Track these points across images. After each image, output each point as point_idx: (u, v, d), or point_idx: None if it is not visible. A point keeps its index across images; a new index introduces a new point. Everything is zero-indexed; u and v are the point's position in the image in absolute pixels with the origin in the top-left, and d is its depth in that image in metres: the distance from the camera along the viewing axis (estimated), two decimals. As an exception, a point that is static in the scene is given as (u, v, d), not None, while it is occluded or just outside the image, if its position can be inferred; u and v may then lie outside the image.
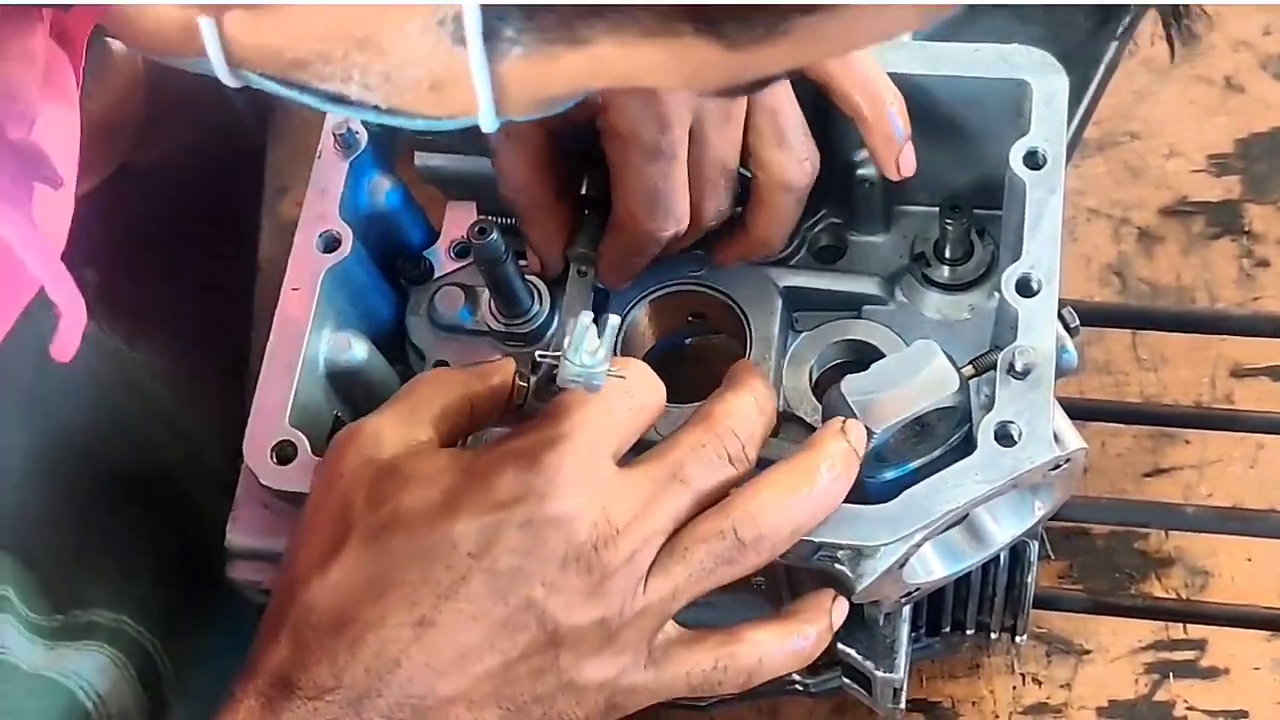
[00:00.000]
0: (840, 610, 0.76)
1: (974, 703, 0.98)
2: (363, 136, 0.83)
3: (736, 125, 0.79)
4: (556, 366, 0.72)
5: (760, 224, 0.83)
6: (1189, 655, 0.98)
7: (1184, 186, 1.13)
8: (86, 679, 0.81)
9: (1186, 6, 0.90)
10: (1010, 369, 0.74)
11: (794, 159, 0.80)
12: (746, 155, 0.81)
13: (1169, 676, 0.98)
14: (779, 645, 0.75)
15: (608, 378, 0.69)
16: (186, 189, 1.39)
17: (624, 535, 0.69)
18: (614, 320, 0.72)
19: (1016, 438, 0.73)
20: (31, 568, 0.81)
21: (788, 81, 0.79)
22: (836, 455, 0.72)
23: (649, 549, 0.70)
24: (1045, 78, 0.81)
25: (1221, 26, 1.17)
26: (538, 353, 0.75)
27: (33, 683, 0.79)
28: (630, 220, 0.81)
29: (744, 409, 0.74)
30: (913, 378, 0.76)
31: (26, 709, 0.78)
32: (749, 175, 0.82)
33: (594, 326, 0.69)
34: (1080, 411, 1.02)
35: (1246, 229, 1.10)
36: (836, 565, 0.75)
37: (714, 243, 0.85)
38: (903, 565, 0.75)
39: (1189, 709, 0.97)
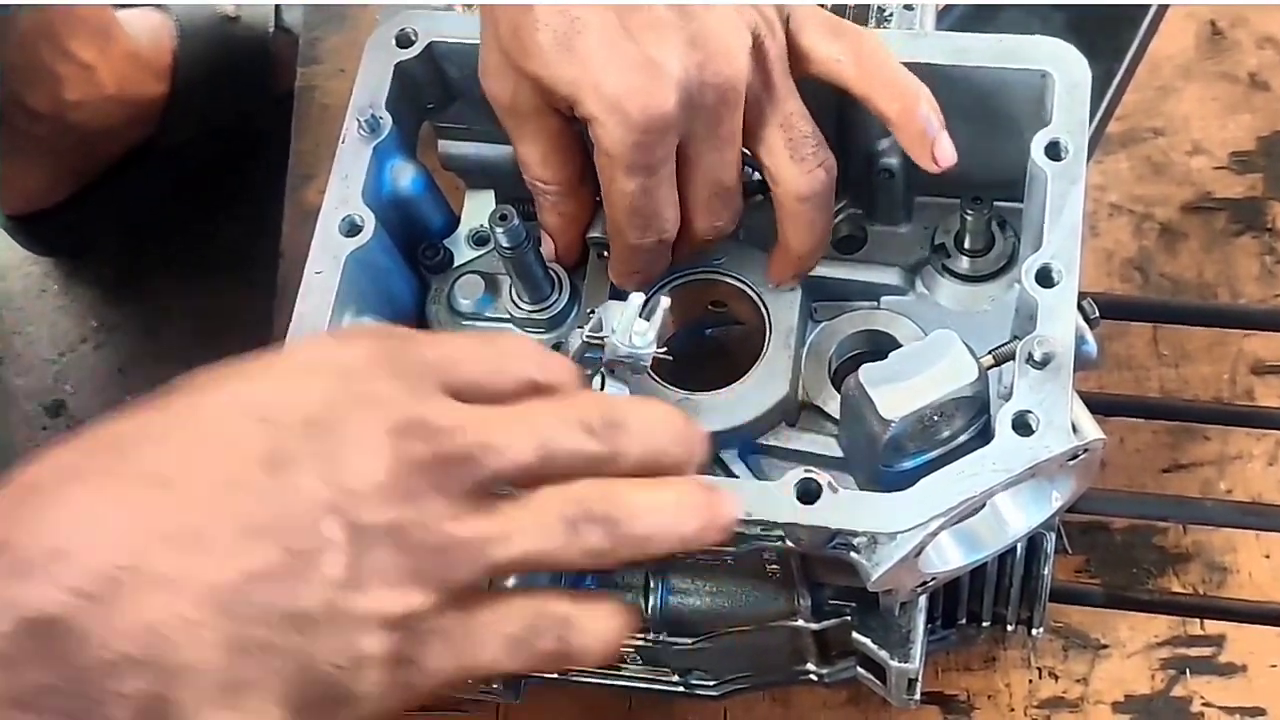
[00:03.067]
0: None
1: (990, 696, 0.98)
2: (386, 122, 0.84)
3: (730, 144, 0.78)
4: (590, 348, 0.73)
5: (792, 236, 0.82)
6: (1206, 651, 0.98)
7: (1207, 183, 1.13)
8: None
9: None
10: (1029, 358, 0.74)
11: (806, 170, 0.79)
12: (761, 169, 0.81)
13: (1186, 672, 0.98)
14: (599, 620, 0.64)
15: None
16: (211, 170, 1.41)
17: (439, 436, 0.59)
18: (665, 302, 0.72)
19: (1035, 427, 0.73)
20: None
21: (796, 90, 0.79)
22: (716, 499, 0.64)
23: (469, 469, 0.60)
24: (1068, 68, 0.81)
25: (1245, 23, 1.17)
26: (586, 333, 0.75)
27: None
28: (616, 229, 0.81)
29: (630, 404, 0.67)
30: (931, 367, 0.76)
31: None
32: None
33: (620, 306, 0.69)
34: (1100, 406, 1.02)
35: (1269, 226, 1.10)
36: (852, 553, 0.75)
37: (767, 266, 0.85)
38: (919, 554, 0.75)
39: (1206, 705, 0.97)
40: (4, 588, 0.55)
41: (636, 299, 0.71)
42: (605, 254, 0.85)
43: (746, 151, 0.80)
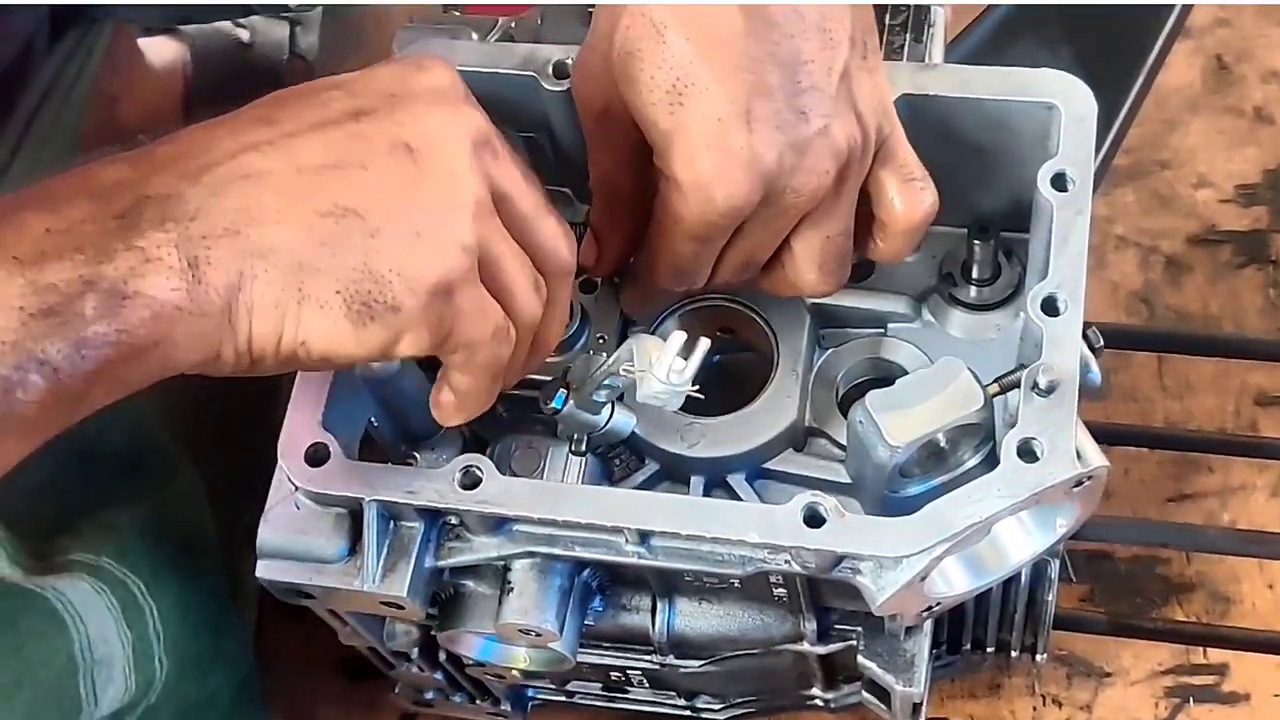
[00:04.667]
0: None
1: (993, 723, 0.99)
2: (401, 147, 0.85)
3: (777, 236, 0.79)
4: (613, 376, 0.74)
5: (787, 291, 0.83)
6: (1209, 680, 0.99)
7: (1212, 216, 1.14)
8: (67, 596, 0.83)
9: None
10: (1035, 386, 0.75)
11: (823, 277, 0.81)
12: (787, 253, 0.81)
13: (1189, 700, 0.99)
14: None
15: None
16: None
17: (492, 131, 0.72)
18: (704, 343, 0.74)
19: (1039, 454, 0.74)
20: (13, 530, 0.84)
21: (853, 208, 0.79)
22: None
23: (502, 157, 0.72)
24: (1074, 101, 0.82)
25: (1251, 58, 1.18)
26: (623, 367, 0.76)
27: (9, 591, 0.82)
28: (648, 275, 0.82)
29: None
30: (938, 394, 0.76)
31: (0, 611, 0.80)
32: None
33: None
34: (1105, 436, 1.02)
35: (1273, 258, 1.12)
36: (858, 577, 0.76)
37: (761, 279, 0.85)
38: (925, 578, 0.76)
39: (1209, 733, 0.98)
40: (133, 177, 0.66)
41: (677, 338, 0.74)
42: (615, 280, 0.86)
43: None
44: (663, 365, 0.74)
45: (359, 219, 0.67)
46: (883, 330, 0.89)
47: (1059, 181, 0.80)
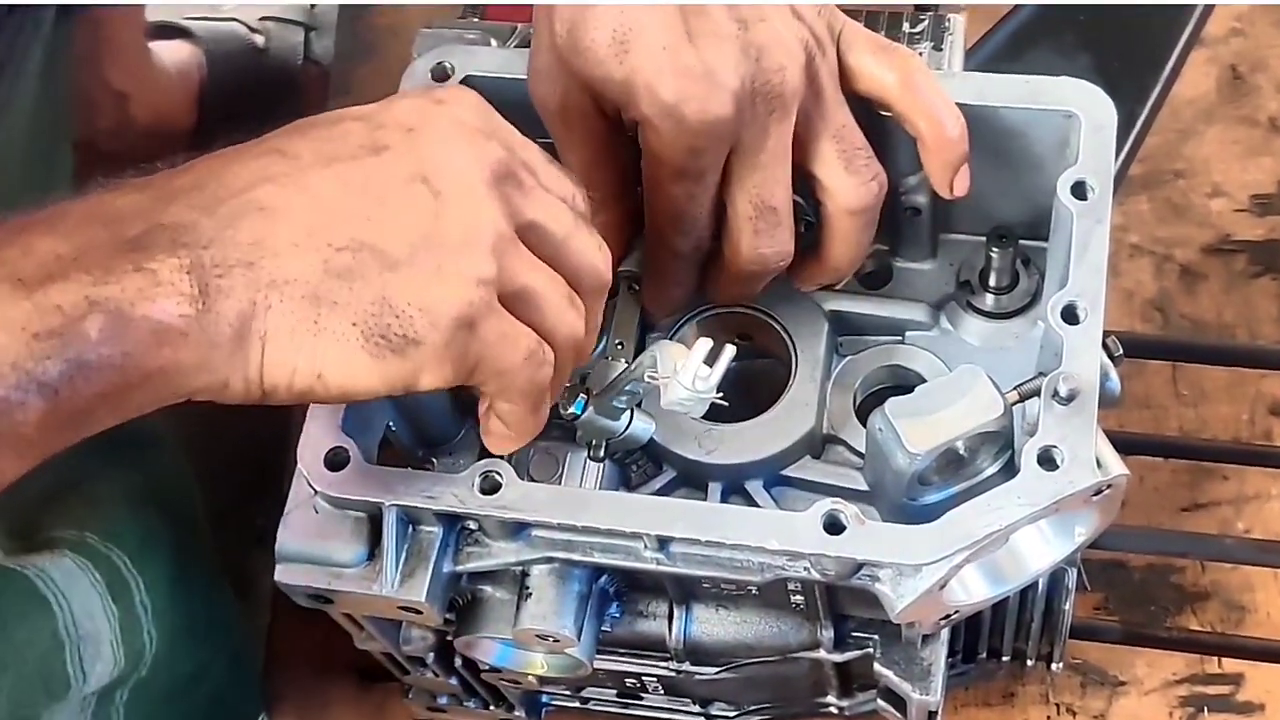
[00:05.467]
0: None
1: (1008, 731, 0.99)
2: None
3: (779, 160, 0.79)
4: (634, 382, 0.74)
5: (833, 250, 0.83)
6: (1224, 689, 0.99)
7: (1227, 225, 1.14)
8: (49, 574, 0.83)
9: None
10: (1055, 394, 0.75)
11: (861, 181, 0.80)
12: (812, 182, 0.82)
13: (1204, 710, 0.99)
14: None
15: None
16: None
17: (513, 150, 0.72)
18: (729, 350, 0.74)
19: (1059, 462, 0.74)
20: None
21: (846, 104, 0.80)
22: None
23: (524, 182, 0.72)
24: (1094, 109, 0.82)
25: (1266, 68, 1.19)
26: (647, 373, 0.76)
27: None
28: (654, 233, 0.82)
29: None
30: (957, 402, 0.76)
31: None
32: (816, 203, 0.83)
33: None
34: (1119, 445, 1.02)
35: (1288, 268, 1.12)
36: (877, 585, 0.76)
37: (792, 270, 0.85)
38: (944, 586, 0.76)
39: (1223, 743, 0.98)
40: (149, 205, 0.66)
41: (703, 345, 0.74)
42: (634, 287, 0.87)
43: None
44: (688, 372, 0.74)
45: (376, 253, 0.67)
46: (900, 338, 0.89)
47: (1079, 190, 0.80)
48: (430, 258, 0.67)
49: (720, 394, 0.76)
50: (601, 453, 0.82)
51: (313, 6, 1.45)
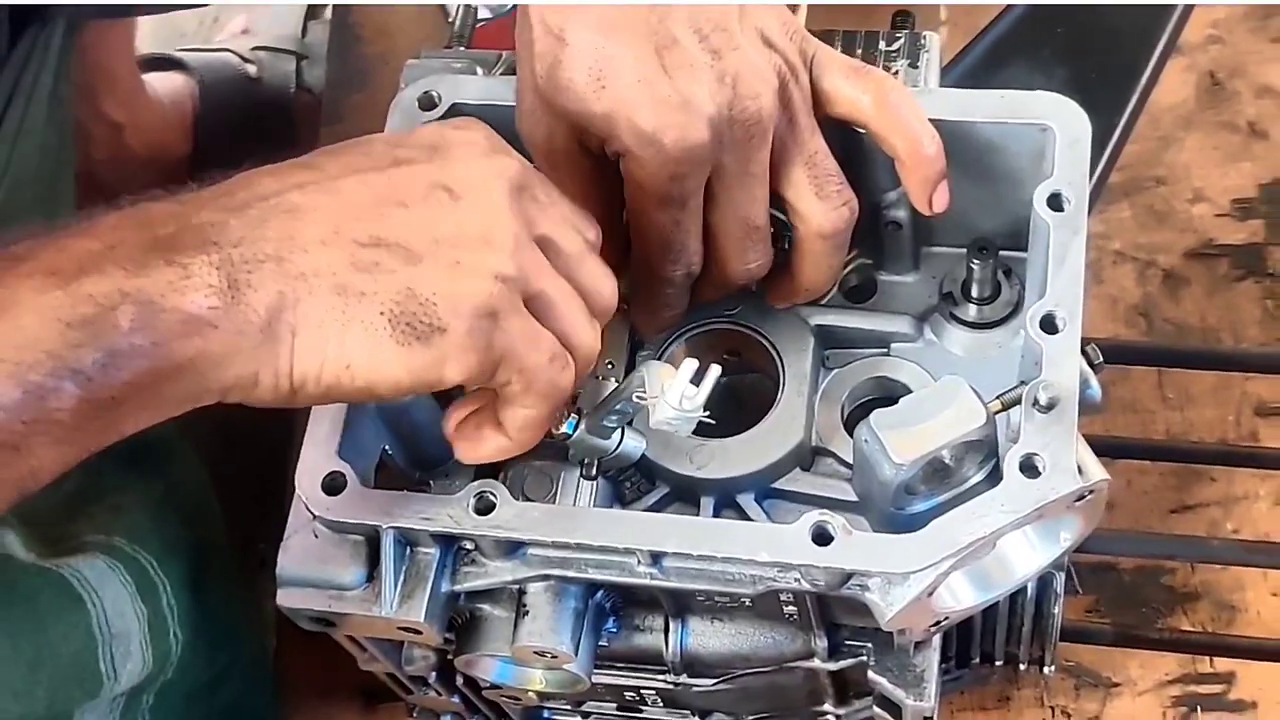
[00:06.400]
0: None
1: (1004, 734, 1.00)
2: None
3: (759, 181, 0.81)
4: (623, 401, 0.75)
5: (805, 271, 0.85)
6: (1216, 689, 1.00)
7: (1208, 230, 1.15)
8: (83, 573, 0.86)
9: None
10: (1035, 403, 0.77)
11: (831, 207, 0.82)
12: (785, 205, 0.83)
13: (1197, 709, 1.00)
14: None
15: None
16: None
17: (526, 168, 0.76)
18: (715, 370, 0.76)
19: (1041, 469, 0.75)
20: (26, 519, 0.87)
21: (819, 131, 0.82)
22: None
23: (534, 196, 0.75)
24: (1068, 122, 0.84)
25: (1243, 74, 1.20)
26: (635, 394, 0.78)
27: (26, 570, 0.84)
28: (643, 263, 0.84)
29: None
30: (940, 412, 0.78)
31: (17, 589, 0.81)
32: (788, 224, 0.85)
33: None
34: (1107, 449, 1.04)
35: (1270, 271, 1.13)
36: (867, 594, 0.77)
37: (765, 286, 0.88)
38: (932, 593, 0.77)
39: (1217, 741, 0.99)
40: (179, 210, 0.69)
41: (689, 366, 0.76)
42: (623, 306, 0.88)
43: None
44: (675, 392, 0.76)
45: (398, 248, 0.70)
46: (886, 350, 0.91)
47: (1055, 201, 0.82)
48: (450, 253, 0.70)
49: (707, 412, 0.77)
50: (594, 471, 0.84)
51: (304, 35, 1.47)
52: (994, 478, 0.79)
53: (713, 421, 0.78)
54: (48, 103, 1.03)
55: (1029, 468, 0.76)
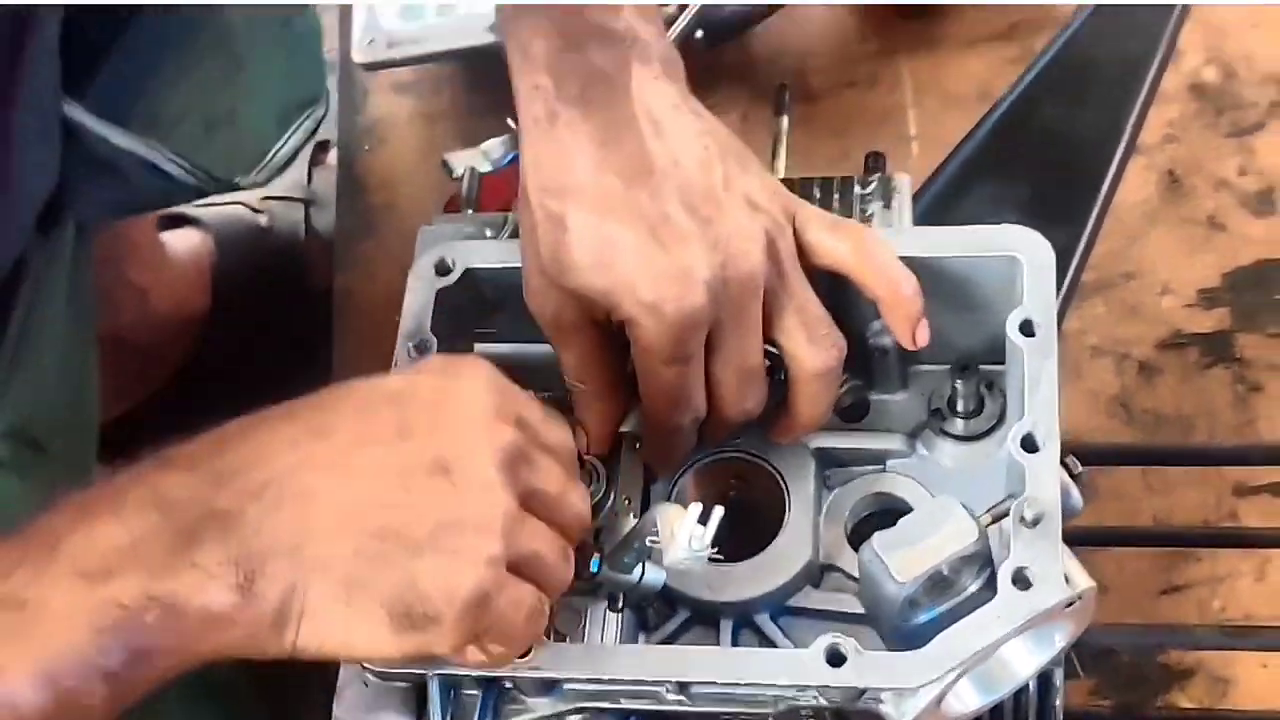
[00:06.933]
0: None
1: (1020, 818, 1.05)
2: (432, 343, 0.92)
3: (754, 331, 0.88)
4: (639, 542, 0.83)
5: (802, 409, 0.92)
6: (1218, 761, 1.06)
7: (1177, 320, 1.22)
8: None
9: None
10: (1021, 519, 0.83)
11: (822, 349, 0.89)
12: (779, 350, 0.90)
13: (1199, 782, 1.05)
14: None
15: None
16: (257, 376, 1.50)
17: (527, 429, 0.80)
18: (719, 512, 0.83)
19: (1032, 581, 0.81)
20: None
21: (807, 280, 0.89)
22: None
23: (537, 465, 0.80)
24: (1034, 252, 0.90)
25: (1200, 170, 1.27)
26: (649, 539, 0.84)
27: None
28: (653, 414, 0.90)
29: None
30: (936, 531, 0.84)
31: None
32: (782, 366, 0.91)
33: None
34: (1098, 538, 1.11)
35: (1238, 356, 1.19)
36: (881, 705, 0.83)
37: (764, 425, 0.94)
38: (941, 701, 0.83)
39: (1221, 811, 1.04)
40: (198, 491, 0.73)
41: (695, 509, 0.83)
42: (637, 445, 0.95)
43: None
44: (685, 533, 0.82)
45: (403, 538, 0.74)
46: (882, 466, 0.96)
47: (1026, 328, 0.88)
48: (448, 540, 0.75)
49: (715, 548, 0.83)
50: (620, 603, 0.89)
51: (309, 182, 1.54)
52: (991, 585, 0.84)
53: (721, 558, 0.85)
54: (65, 302, 1.07)
55: (1020, 580, 0.81)
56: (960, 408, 0.96)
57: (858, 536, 0.93)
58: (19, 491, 0.97)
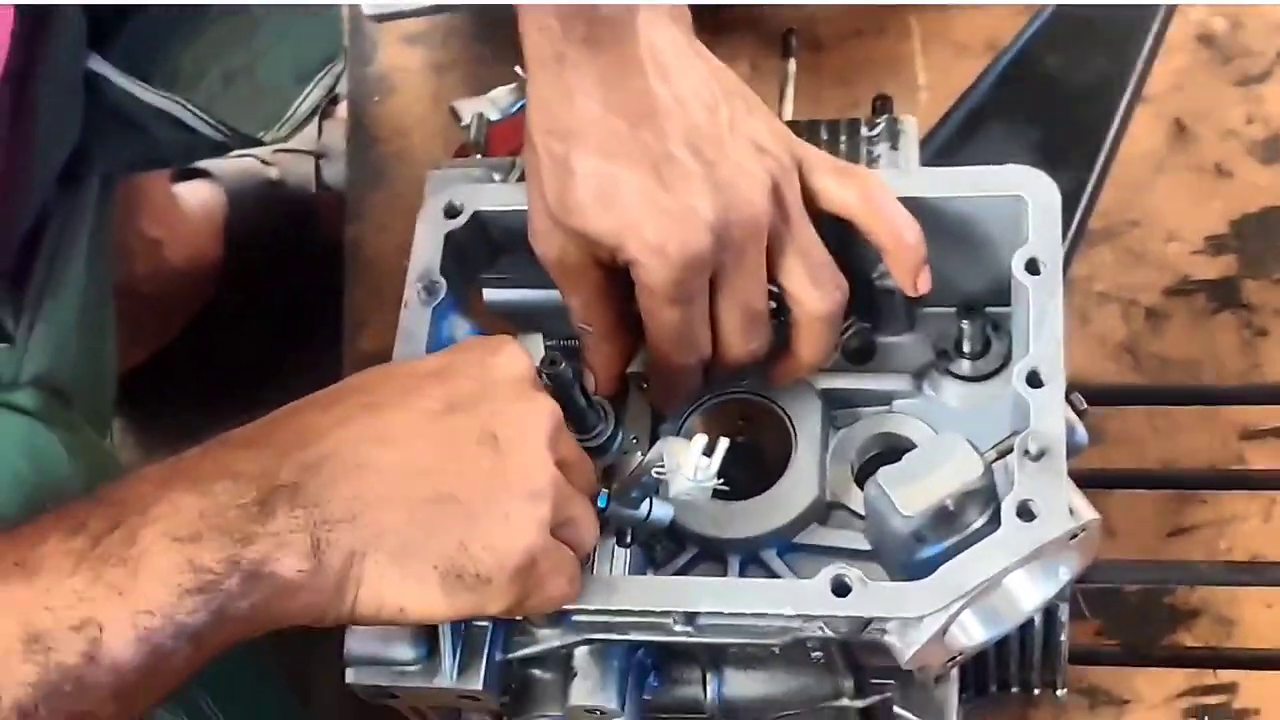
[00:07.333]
0: None
1: (1025, 756, 1.06)
2: (441, 286, 0.94)
3: (758, 274, 0.89)
4: (647, 476, 0.84)
5: (804, 350, 0.93)
6: (1222, 699, 1.07)
7: (1184, 267, 1.22)
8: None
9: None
10: (1026, 453, 0.84)
11: (825, 293, 0.90)
12: (783, 292, 0.91)
13: (1205, 719, 1.06)
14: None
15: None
16: (271, 326, 1.52)
17: (564, 431, 0.84)
18: (724, 443, 0.84)
19: (1036, 513, 0.82)
20: None
21: (811, 223, 0.90)
22: None
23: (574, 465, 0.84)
24: (1039, 192, 0.91)
25: (1207, 118, 1.27)
26: (654, 469, 0.85)
27: None
28: (658, 355, 0.91)
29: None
30: (941, 466, 0.85)
31: None
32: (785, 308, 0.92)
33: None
34: (1105, 480, 1.11)
35: (1245, 302, 1.20)
36: (886, 636, 0.84)
37: (768, 366, 0.95)
38: (945, 633, 0.84)
39: (1225, 749, 1.05)
40: (261, 465, 0.76)
41: (700, 440, 0.83)
42: (644, 385, 0.96)
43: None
44: (689, 465, 0.83)
45: (455, 504, 0.77)
46: (888, 407, 0.98)
47: (1032, 266, 0.89)
48: (500, 506, 0.78)
49: (721, 480, 0.84)
50: (628, 539, 0.91)
51: (320, 136, 1.55)
52: (996, 520, 0.85)
53: (727, 489, 0.85)
54: (85, 259, 1.09)
55: (1025, 513, 0.82)
56: (966, 349, 0.97)
57: (864, 475, 0.94)
58: (49, 441, 0.98)
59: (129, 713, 0.73)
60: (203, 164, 1.51)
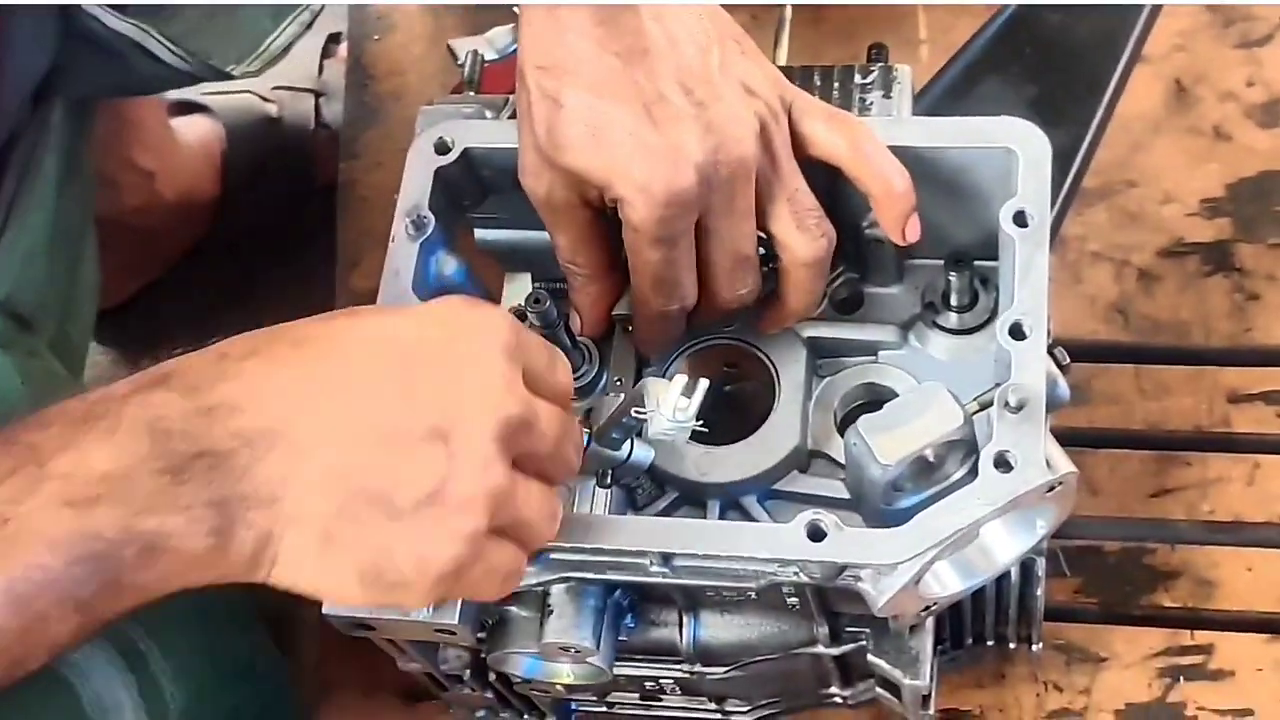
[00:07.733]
0: None
1: (1000, 709, 1.07)
2: (430, 221, 0.93)
3: (745, 217, 0.88)
4: (627, 416, 0.83)
5: (791, 297, 0.93)
6: (1197, 660, 1.07)
7: (1179, 229, 1.22)
8: (68, 657, 0.87)
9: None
10: (1006, 404, 0.84)
11: (812, 239, 0.90)
12: (770, 238, 0.91)
13: (1180, 679, 1.07)
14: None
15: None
16: (265, 262, 1.52)
17: (527, 405, 0.78)
18: (704, 383, 0.83)
19: (1013, 464, 0.82)
20: None
21: (799, 170, 0.89)
22: None
23: (533, 440, 0.78)
24: (1030, 145, 0.90)
25: (1207, 80, 1.27)
26: (634, 409, 0.85)
27: None
28: (641, 298, 0.91)
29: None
30: (922, 415, 0.85)
31: None
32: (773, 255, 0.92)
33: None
34: (1090, 439, 1.12)
35: (1238, 266, 1.20)
36: (859, 583, 0.84)
37: (755, 314, 0.95)
38: (919, 581, 0.84)
39: (1199, 709, 1.06)
40: (193, 423, 0.72)
41: (679, 380, 0.83)
42: (629, 328, 0.96)
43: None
44: (669, 405, 0.83)
45: (388, 505, 0.73)
46: (874, 357, 0.98)
47: (1020, 219, 0.89)
48: (430, 512, 0.74)
49: (700, 421, 0.85)
50: (608, 480, 0.91)
51: (320, 74, 1.54)
52: (975, 473, 0.85)
53: (706, 430, 0.85)
54: (55, 184, 1.07)
55: (1002, 463, 0.83)
56: (954, 301, 0.97)
57: (847, 425, 0.94)
58: (4, 366, 0.98)
59: (25, 665, 0.71)
60: (201, 99, 1.51)
